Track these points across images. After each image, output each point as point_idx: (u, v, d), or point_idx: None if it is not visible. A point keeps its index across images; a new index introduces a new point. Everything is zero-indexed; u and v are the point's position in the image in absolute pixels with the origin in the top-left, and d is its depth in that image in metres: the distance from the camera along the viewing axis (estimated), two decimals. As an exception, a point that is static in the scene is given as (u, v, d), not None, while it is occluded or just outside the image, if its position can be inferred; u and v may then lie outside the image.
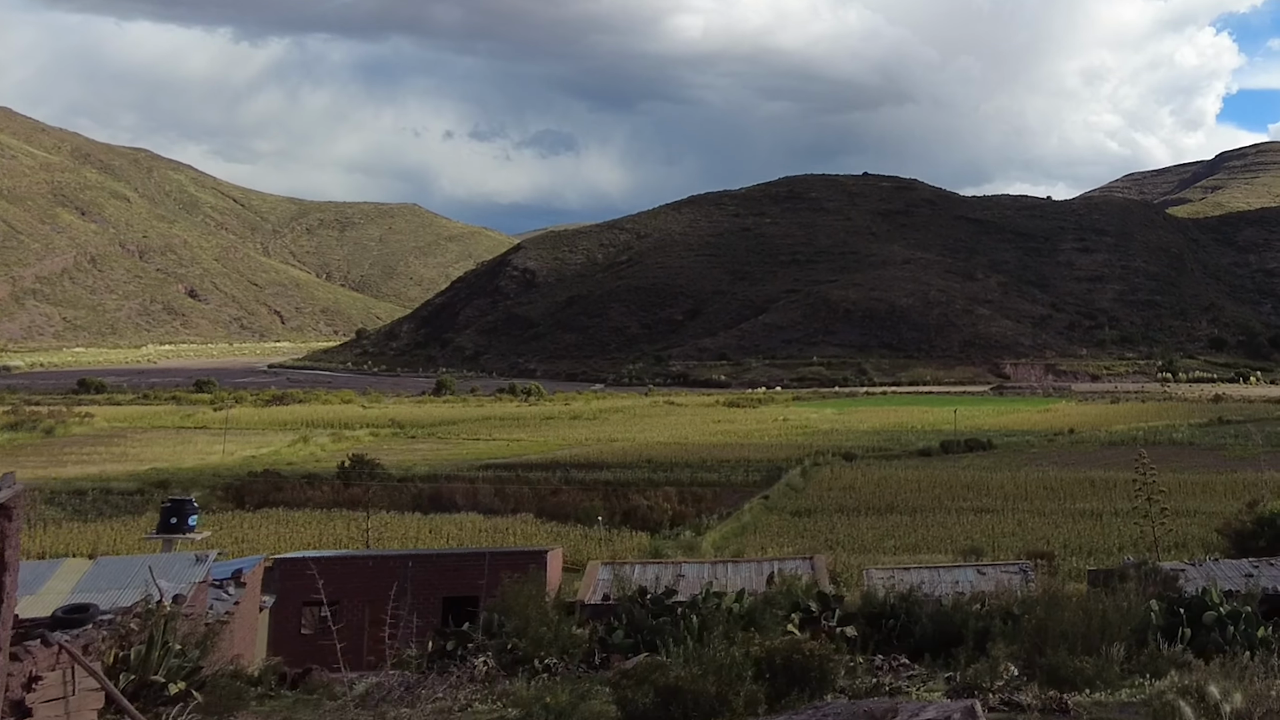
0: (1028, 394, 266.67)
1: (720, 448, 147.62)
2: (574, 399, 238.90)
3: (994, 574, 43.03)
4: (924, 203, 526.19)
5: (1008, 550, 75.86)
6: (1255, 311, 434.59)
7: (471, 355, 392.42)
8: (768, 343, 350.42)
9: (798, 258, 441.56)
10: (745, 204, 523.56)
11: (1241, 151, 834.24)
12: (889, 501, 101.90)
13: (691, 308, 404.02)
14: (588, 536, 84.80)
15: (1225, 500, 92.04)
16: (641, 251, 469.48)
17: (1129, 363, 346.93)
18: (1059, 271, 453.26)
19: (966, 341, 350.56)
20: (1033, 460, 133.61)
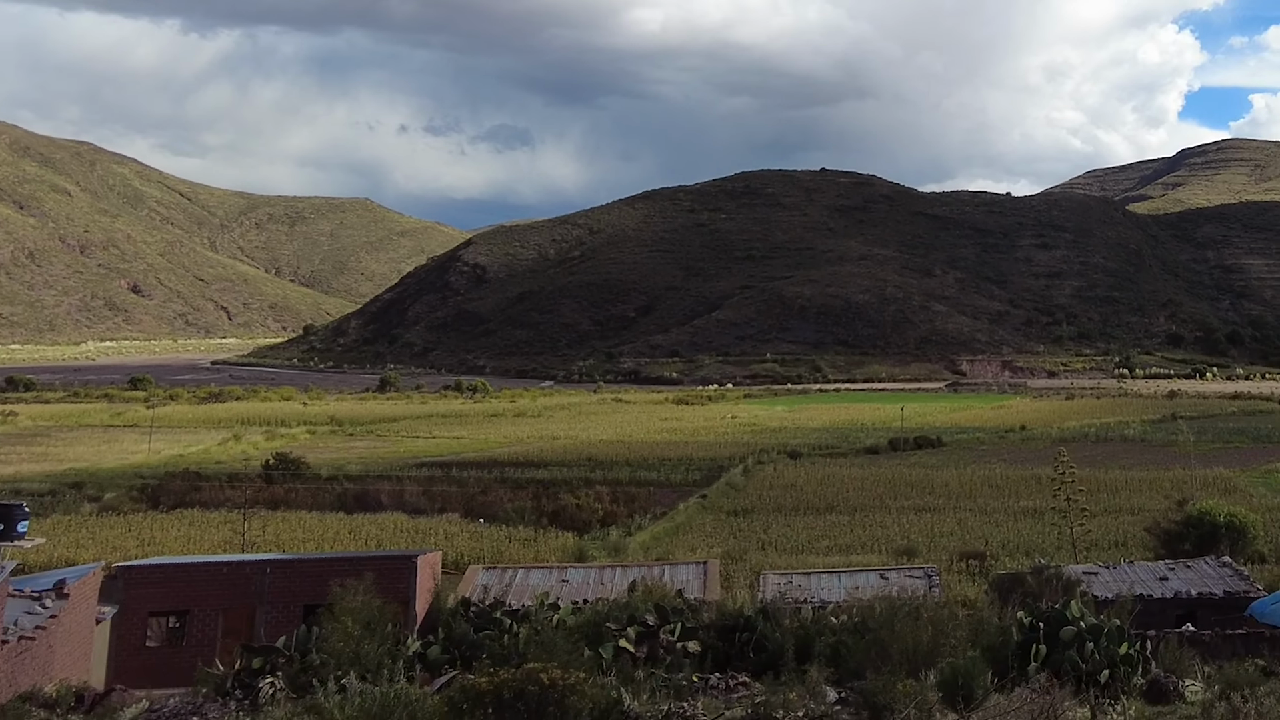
0: (983, 391, 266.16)
1: (664, 446, 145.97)
2: (520, 396, 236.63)
3: (897, 579, 41.57)
4: (882, 199, 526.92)
5: (943, 550, 74.44)
6: (1213, 308, 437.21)
7: (420, 352, 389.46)
8: (721, 340, 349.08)
9: (753, 254, 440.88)
10: (701, 199, 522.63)
11: (1202, 148, 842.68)
12: (830, 501, 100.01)
13: (644, 304, 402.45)
14: (512, 538, 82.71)
15: (1169, 497, 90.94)
16: (594, 247, 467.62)
17: (1086, 359, 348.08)
18: (1017, 268, 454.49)
19: (923, 338, 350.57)
20: (982, 457, 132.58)
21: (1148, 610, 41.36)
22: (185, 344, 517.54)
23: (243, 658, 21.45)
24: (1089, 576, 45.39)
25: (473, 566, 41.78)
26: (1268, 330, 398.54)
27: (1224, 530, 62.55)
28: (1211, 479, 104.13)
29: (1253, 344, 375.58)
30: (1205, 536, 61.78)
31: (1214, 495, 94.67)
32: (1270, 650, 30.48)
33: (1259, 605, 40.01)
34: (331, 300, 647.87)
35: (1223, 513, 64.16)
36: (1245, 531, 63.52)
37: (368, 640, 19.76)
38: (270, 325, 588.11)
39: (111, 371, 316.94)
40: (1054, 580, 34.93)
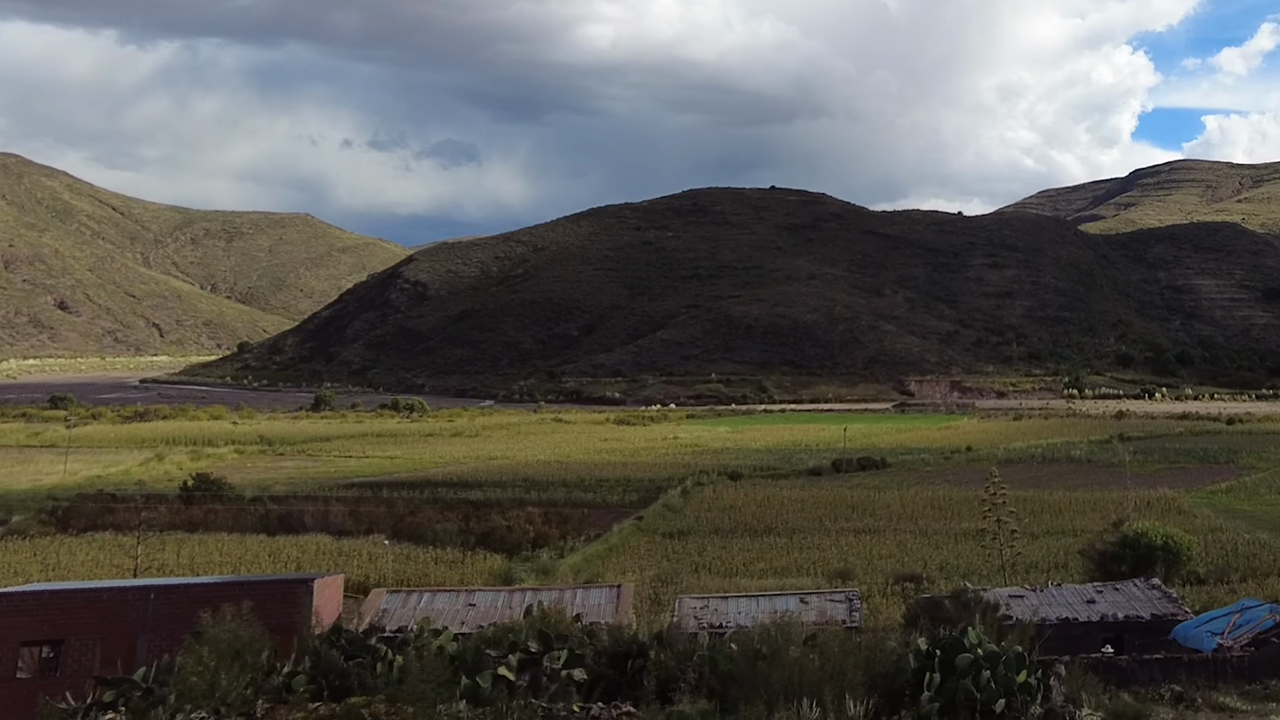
0: (930, 411, 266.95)
1: (602, 466, 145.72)
2: (459, 415, 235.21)
3: (817, 603, 40.96)
4: (832, 217, 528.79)
5: (880, 573, 74.37)
6: (1163, 328, 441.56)
7: (358, 370, 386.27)
8: (665, 359, 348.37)
9: (700, 272, 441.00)
10: (647, 217, 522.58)
11: (1155, 169, 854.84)
12: (769, 523, 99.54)
13: (588, 323, 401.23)
14: (439, 560, 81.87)
15: (1108, 519, 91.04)
16: (538, 265, 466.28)
17: (1036, 379, 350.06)
18: (968, 287, 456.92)
19: (871, 358, 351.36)
20: (926, 479, 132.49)
21: (1073, 634, 40.96)
22: (114, 362, 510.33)
23: (94, 690, 20.18)
24: (1014, 600, 44.85)
25: (375, 590, 40.55)
26: (1217, 350, 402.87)
27: (1160, 552, 62.38)
28: (1156, 500, 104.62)
29: (1202, 364, 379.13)
30: (1141, 558, 61.66)
31: (1158, 516, 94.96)
32: (1188, 675, 29.88)
33: (1182, 628, 39.65)
34: (269, 317, 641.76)
35: (1158, 534, 64.03)
36: (1181, 553, 63.36)
37: (226, 671, 18.55)
38: (204, 343, 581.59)
39: (33, 390, 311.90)
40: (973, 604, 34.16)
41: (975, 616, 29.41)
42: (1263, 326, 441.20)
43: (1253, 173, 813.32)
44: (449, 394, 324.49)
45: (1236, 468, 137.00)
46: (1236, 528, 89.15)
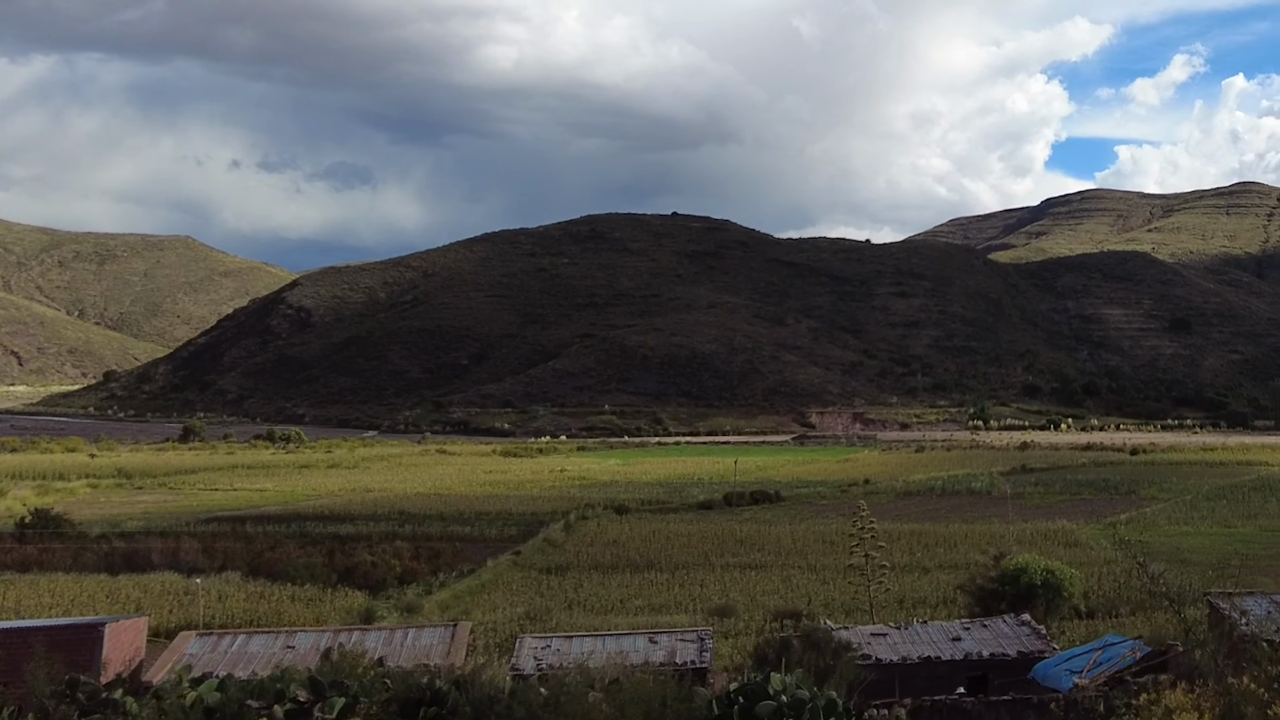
0: (830, 444, 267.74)
1: (483, 500, 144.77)
2: (338, 446, 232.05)
3: (667, 642, 39.86)
4: (736, 244, 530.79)
5: (761, 609, 73.54)
6: (1071, 358, 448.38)
7: (235, 399, 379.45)
8: (557, 390, 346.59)
9: (595, 300, 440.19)
10: (543, 243, 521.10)
11: (1066, 198, 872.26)
12: (652, 558, 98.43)
13: (478, 351, 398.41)
14: (296, 597, 79.56)
15: (986, 552, 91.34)
16: (428, 291, 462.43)
17: (940, 410, 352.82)
18: (874, 316, 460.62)
19: (771, 389, 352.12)
20: (820, 513, 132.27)
21: (936, 673, 40.17)
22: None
23: None
24: (876, 638, 44.06)
25: (183, 634, 38.32)
26: (1124, 380, 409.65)
27: (1039, 587, 61.91)
28: (1054, 532, 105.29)
29: (1109, 394, 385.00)
30: (1022, 593, 61.21)
31: (1055, 549, 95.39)
32: (1038, 716, 28.83)
33: (1042, 667, 38.86)
34: (142, 345, 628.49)
35: (1038, 568, 63.60)
36: (1062, 587, 63.11)
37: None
38: (68, 371, 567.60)
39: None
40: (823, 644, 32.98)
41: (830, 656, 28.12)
42: (1170, 356, 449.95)
43: (1164, 202, 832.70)
44: (331, 424, 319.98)
45: (1138, 499, 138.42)
46: (1130, 559, 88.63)
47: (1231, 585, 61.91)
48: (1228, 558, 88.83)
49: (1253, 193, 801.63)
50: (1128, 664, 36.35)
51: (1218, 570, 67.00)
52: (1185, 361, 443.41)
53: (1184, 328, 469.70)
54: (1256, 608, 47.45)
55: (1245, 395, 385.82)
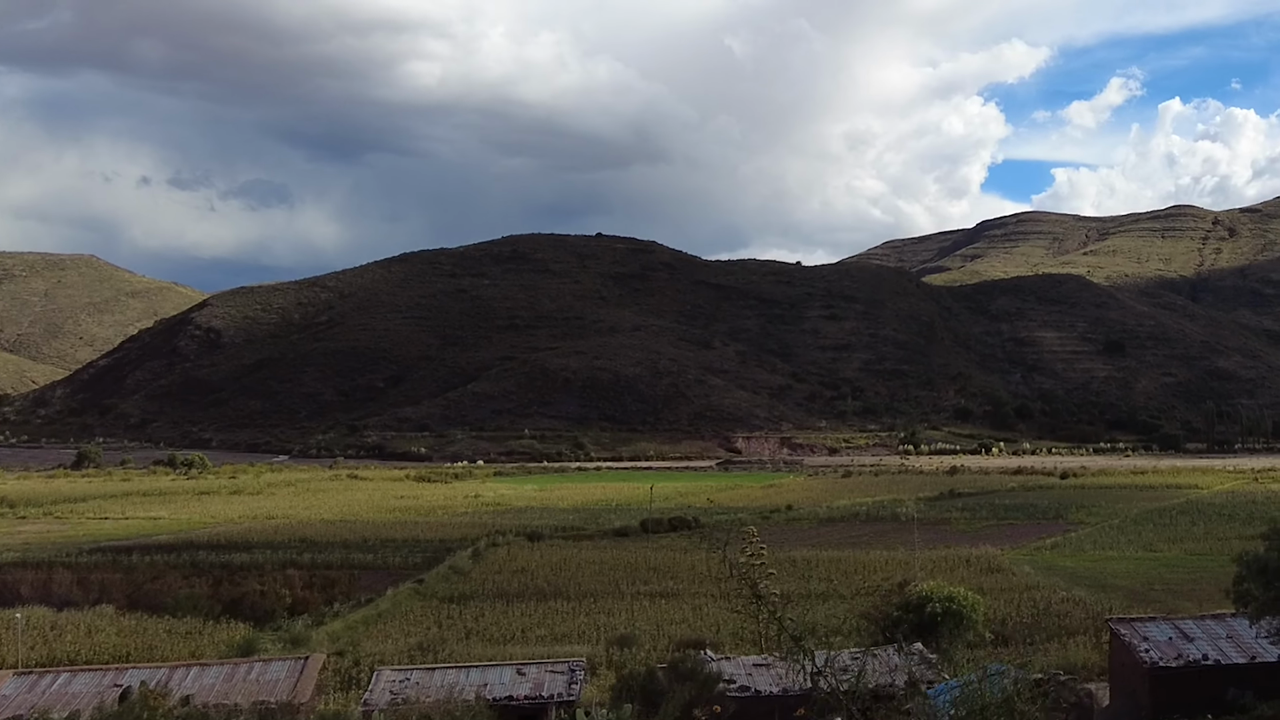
0: (755, 469, 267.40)
1: (391, 526, 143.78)
2: (244, 471, 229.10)
3: (535, 674, 38.98)
4: (662, 266, 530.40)
5: (665, 638, 73.24)
6: (1004, 381, 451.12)
7: (138, 424, 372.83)
8: (476, 413, 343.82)
9: (517, 323, 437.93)
10: (463, 263, 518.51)
11: (1002, 221, 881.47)
12: (561, 586, 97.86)
13: (395, 374, 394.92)
14: (173, 631, 77.56)
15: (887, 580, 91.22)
16: (344, 312, 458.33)
17: (870, 435, 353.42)
18: (803, 340, 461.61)
19: (697, 414, 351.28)
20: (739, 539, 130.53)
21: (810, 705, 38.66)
22: None
23: None
24: (759, 669, 42.94)
25: (0, 673, 36.03)
26: (1057, 404, 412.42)
27: (942, 614, 61.06)
28: (977, 558, 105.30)
29: (1042, 417, 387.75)
30: (925, 621, 60.53)
31: (977, 575, 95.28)
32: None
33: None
34: (40, 368, 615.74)
35: (941, 595, 62.87)
36: (965, 615, 62.40)
37: None
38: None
39: None
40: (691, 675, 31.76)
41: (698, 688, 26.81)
42: (1103, 379, 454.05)
43: (1099, 225, 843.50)
44: (239, 449, 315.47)
45: (1065, 523, 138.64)
46: (1054, 585, 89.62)
47: (1151, 611, 61.55)
48: (1151, 582, 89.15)
49: (1188, 216, 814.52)
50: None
51: (1138, 596, 66.65)
52: (1119, 384, 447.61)
53: (1118, 351, 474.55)
54: (1159, 634, 47.08)
55: (1178, 418, 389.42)
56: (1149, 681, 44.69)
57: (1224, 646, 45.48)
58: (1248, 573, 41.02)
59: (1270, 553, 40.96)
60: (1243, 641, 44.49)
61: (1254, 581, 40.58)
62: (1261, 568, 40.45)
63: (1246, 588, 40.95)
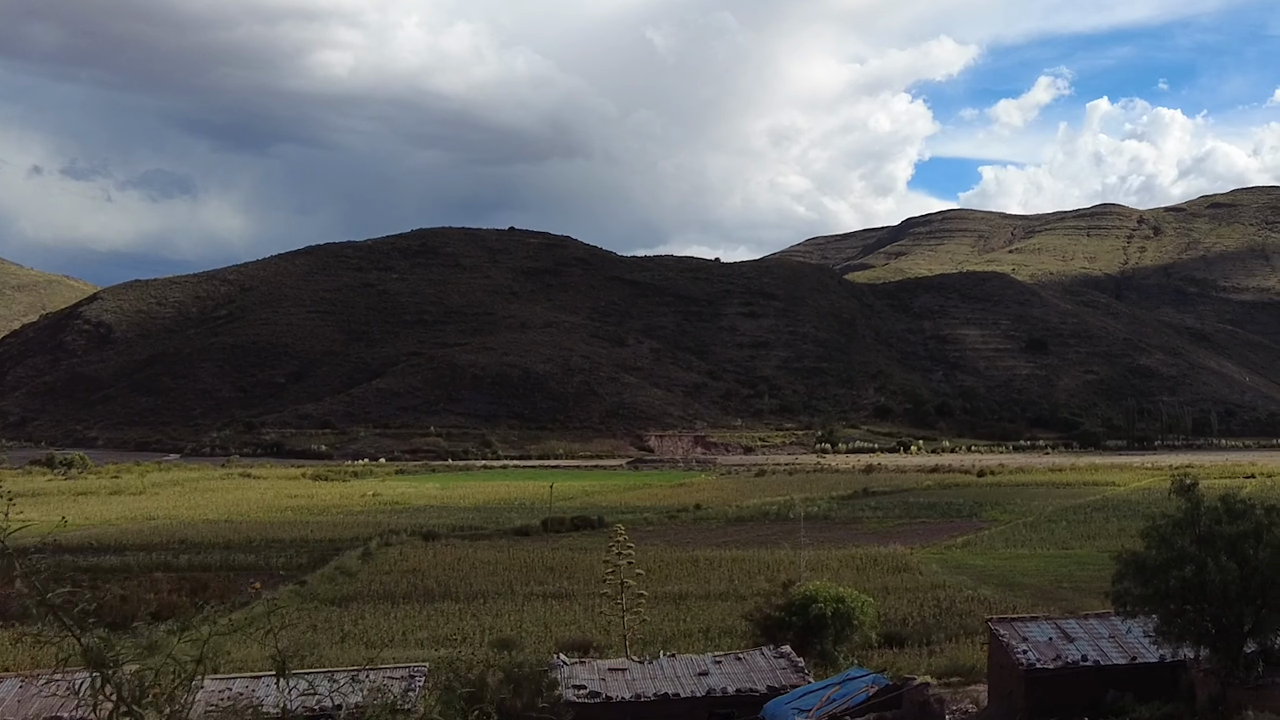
0: (668, 467, 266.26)
1: (280, 526, 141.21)
2: (129, 471, 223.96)
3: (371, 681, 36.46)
4: (575, 261, 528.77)
5: (552, 640, 71.86)
6: (926, 379, 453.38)
7: (17, 422, 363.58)
8: (381, 410, 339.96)
9: (425, 318, 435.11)
10: (371, 257, 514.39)
11: (927, 218, 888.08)
12: (451, 587, 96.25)
13: (297, 370, 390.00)
14: (18, 640, 73.38)
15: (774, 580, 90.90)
16: (245, 306, 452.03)
17: (787, 433, 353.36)
18: (720, 337, 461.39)
19: (609, 411, 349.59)
20: (644, 539, 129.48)
21: (673, 712, 39.05)
22: None
23: None
24: (614, 674, 41.56)
25: None
26: (978, 401, 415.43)
27: (828, 615, 60.36)
28: (884, 557, 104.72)
29: (962, 415, 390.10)
30: (810, 623, 60.01)
31: (884, 574, 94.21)
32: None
33: (773, 705, 37.28)
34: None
35: (828, 596, 61.63)
36: (853, 616, 61.31)
37: None
38: None
39: None
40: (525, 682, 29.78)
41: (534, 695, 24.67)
42: (1025, 377, 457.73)
43: (1025, 223, 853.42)
44: (128, 448, 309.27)
45: (978, 521, 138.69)
46: (960, 584, 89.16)
47: (1056, 609, 60.31)
48: (1060, 580, 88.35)
49: (1113, 214, 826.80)
50: (859, 701, 34.53)
51: (1045, 594, 65.66)
52: (1040, 382, 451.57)
53: (1040, 348, 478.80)
54: (1039, 634, 46.19)
55: (1099, 415, 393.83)
56: (1024, 684, 43.92)
57: (1105, 647, 45.00)
58: (1126, 570, 39.98)
59: (1149, 549, 39.69)
60: (1125, 642, 44.04)
61: (1132, 580, 39.41)
62: (1139, 565, 39.41)
63: (1125, 586, 39.85)
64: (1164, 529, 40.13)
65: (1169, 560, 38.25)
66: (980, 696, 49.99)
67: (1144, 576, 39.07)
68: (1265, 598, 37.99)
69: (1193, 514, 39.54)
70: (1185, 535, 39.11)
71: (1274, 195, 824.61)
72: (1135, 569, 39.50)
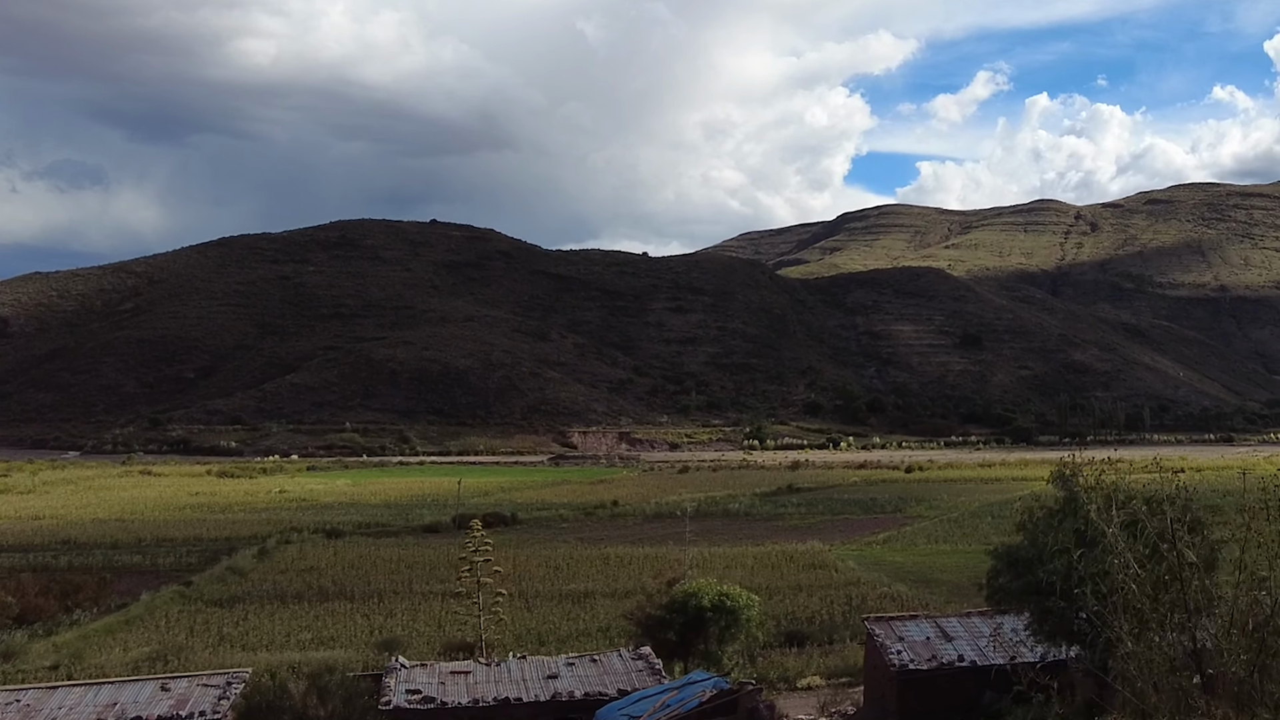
0: (590, 464, 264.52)
1: (174, 525, 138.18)
2: (19, 469, 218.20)
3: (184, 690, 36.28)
4: (499, 255, 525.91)
5: (443, 639, 70.94)
6: (858, 375, 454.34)
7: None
8: (295, 406, 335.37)
9: (342, 311, 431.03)
10: (288, 249, 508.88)
11: (863, 213, 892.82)
12: (347, 585, 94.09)
13: (207, 365, 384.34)
14: None
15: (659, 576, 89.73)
16: (152, 299, 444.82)
17: (714, 430, 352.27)
18: (647, 333, 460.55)
19: (530, 407, 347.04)
20: (557, 535, 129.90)
21: (514, 716, 37.79)
22: None
23: None
24: (455, 678, 40.73)
25: None
26: (911, 398, 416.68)
27: (711, 613, 58.93)
28: (800, 554, 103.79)
29: (895, 412, 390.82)
30: (692, 622, 58.93)
31: (800, 571, 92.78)
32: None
33: (604, 712, 35.88)
34: None
35: (710, 594, 60.18)
36: (737, 614, 59.81)
37: None
38: None
39: None
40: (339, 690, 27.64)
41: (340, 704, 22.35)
42: (959, 373, 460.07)
43: (963, 219, 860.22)
44: (24, 445, 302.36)
45: (902, 517, 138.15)
46: (875, 580, 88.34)
47: (970, 606, 58.54)
48: (978, 576, 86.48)
49: (1051, 210, 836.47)
50: (691, 707, 33.31)
51: (961, 590, 64.34)
52: (974, 378, 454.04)
53: (975, 344, 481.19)
54: (916, 633, 44.79)
55: (1033, 411, 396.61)
56: (895, 685, 42.79)
57: (984, 646, 43.83)
58: (1000, 565, 38.00)
59: (1023, 542, 37.91)
60: (1006, 641, 41.99)
61: (1007, 575, 37.53)
62: (1011, 559, 37.32)
63: (1002, 582, 37.82)
64: (1039, 520, 38.28)
65: (1042, 554, 36.18)
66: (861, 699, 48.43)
67: (1016, 571, 37.58)
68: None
69: (1070, 505, 37.07)
70: (1063, 527, 36.48)
71: (1211, 192, 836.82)
72: (1008, 563, 37.46)
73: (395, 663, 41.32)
